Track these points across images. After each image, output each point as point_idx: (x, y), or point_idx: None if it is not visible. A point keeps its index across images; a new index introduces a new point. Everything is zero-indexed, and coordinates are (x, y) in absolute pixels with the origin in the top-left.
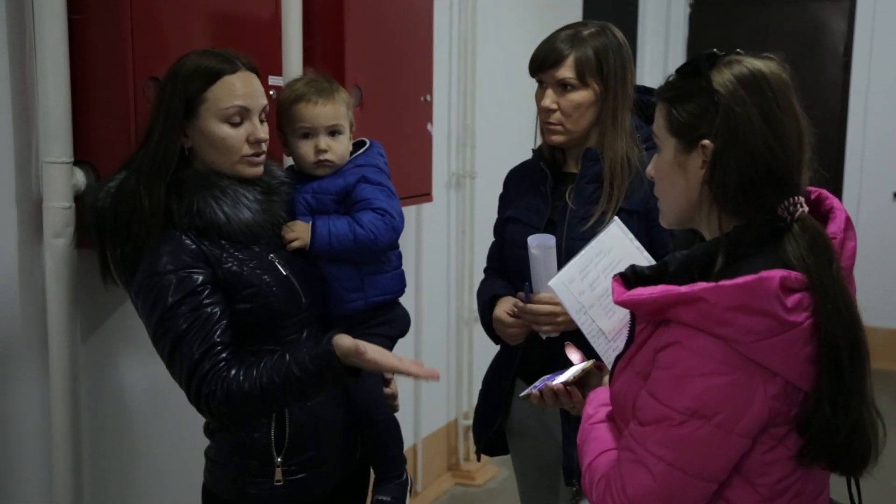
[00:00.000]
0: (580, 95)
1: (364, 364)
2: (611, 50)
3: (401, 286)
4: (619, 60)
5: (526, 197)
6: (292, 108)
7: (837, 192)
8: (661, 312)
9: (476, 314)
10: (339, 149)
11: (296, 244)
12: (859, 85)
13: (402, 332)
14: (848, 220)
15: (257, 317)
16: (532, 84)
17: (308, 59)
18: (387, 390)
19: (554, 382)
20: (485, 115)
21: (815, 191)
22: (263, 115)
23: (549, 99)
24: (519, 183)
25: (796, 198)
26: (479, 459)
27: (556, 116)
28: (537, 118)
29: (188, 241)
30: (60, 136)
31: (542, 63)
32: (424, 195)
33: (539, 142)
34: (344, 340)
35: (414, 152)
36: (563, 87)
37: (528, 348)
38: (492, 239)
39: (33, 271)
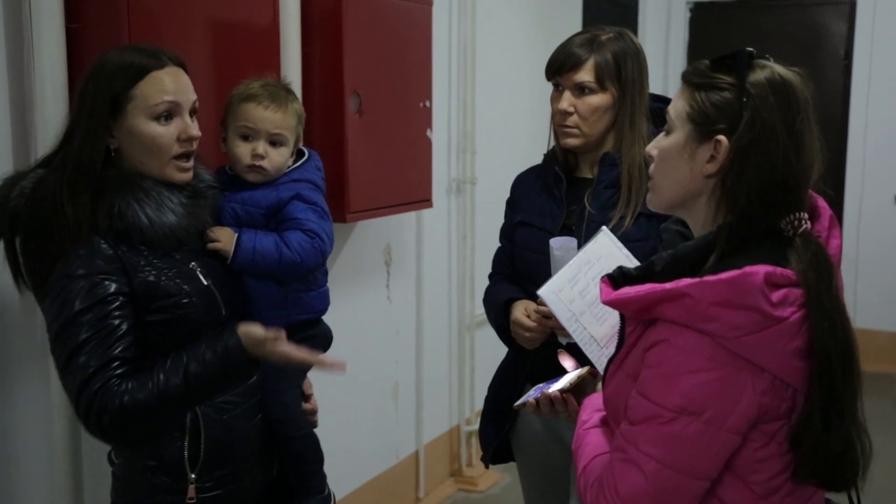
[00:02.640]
0: (598, 99)
1: (274, 354)
2: (629, 55)
3: (325, 305)
4: (636, 66)
5: (538, 201)
6: (240, 105)
7: (839, 196)
8: (647, 311)
9: (478, 319)
10: (276, 159)
11: (216, 246)
12: (860, 88)
13: (325, 346)
14: (832, 219)
15: (173, 328)
16: (532, 89)
17: (306, 66)
18: (306, 406)
19: (549, 390)
20: (485, 120)
21: None
22: (194, 113)
23: (567, 102)
24: (529, 187)
25: (801, 214)
26: (486, 467)
27: (573, 119)
28: (551, 121)
29: (105, 246)
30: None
31: (562, 66)
32: (424, 201)
33: (551, 145)
34: (255, 329)
35: (413, 158)
36: (581, 90)
37: (539, 354)
38: (493, 244)
39: None
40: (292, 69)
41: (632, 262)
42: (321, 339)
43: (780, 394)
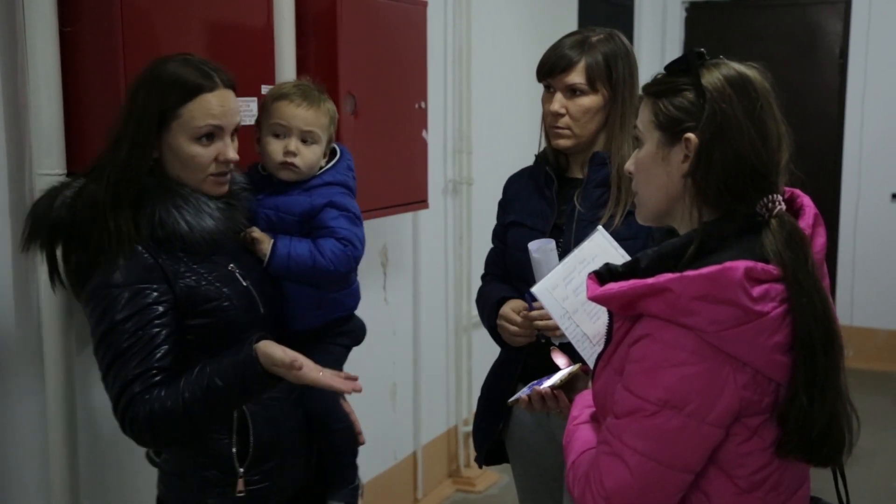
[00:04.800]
0: (589, 100)
1: (288, 375)
2: (619, 56)
3: (356, 301)
4: (627, 67)
5: (529, 201)
6: (273, 103)
7: (835, 194)
8: (631, 306)
9: (475, 320)
10: (308, 157)
11: (258, 247)
12: (856, 87)
13: (358, 341)
14: (817, 217)
15: (216, 330)
16: (529, 89)
17: (301, 68)
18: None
19: (541, 387)
20: (481, 121)
21: (787, 190)
22: (235, 133)
23: (558, 103)
24: (521, 188)
25: (775, 196)
26: (480, 467)
27: (565, 121)
28: (542, 122)
29: (146, 255)
30: (53, 149)
31: (553, 68)
32: (420, 202)
33: (542, 147)
34: (274, 350)
35: (409, 159)
36: (573, 91)
37: (531, 354)
38: (490, 245)
39: (28, 283)
40: (287, 70)
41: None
42: (356, 332)
43: (761, 388)
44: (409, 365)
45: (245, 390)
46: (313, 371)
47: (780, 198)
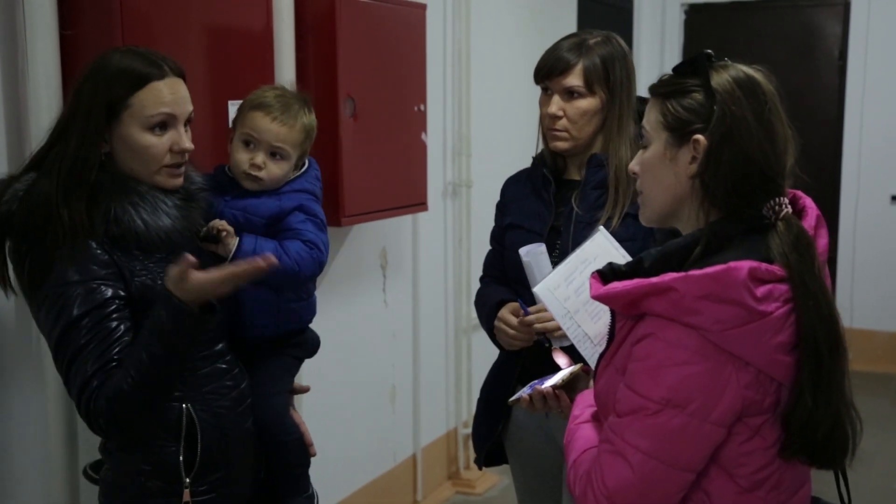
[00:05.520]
0: (587, 103)
1: (195, 285)
2: (617, 59)
3: (312, 315)
4: (624, 69)
5: (527, 204)
6: (249, 111)
7: (835, 196)
8: (635, 305)
9: (474, 322)
10: (274, 171)
11: (213, 248)
12: (855, 89)
13: (310, 353)
14: (819, 218)
15: None
16: (528, 91)
17: (300, 71)
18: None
19: (542, 386)
20: (480, 123)
21: (790, 192)
22: (188, 123)
23: (556, 105)
24: (518, 190)
25: (781, 198)
26: (480, 469)
27: (562, 123)
28: (539, 125)
29: (100, 252)
30: None
31: (551, 71)
32: (420, 204)
33: (539, 149)
34: (170, 273)
35: (408, 162)
36: (570, 94)
37: (530, 356)
38: (488, 247)
39: None
40: (286, 73)
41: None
42: (309, 344)
43: (764, 388)
44: (409, 367)
45: (182, 331)
46: (219, 271)
47: (786, 200)
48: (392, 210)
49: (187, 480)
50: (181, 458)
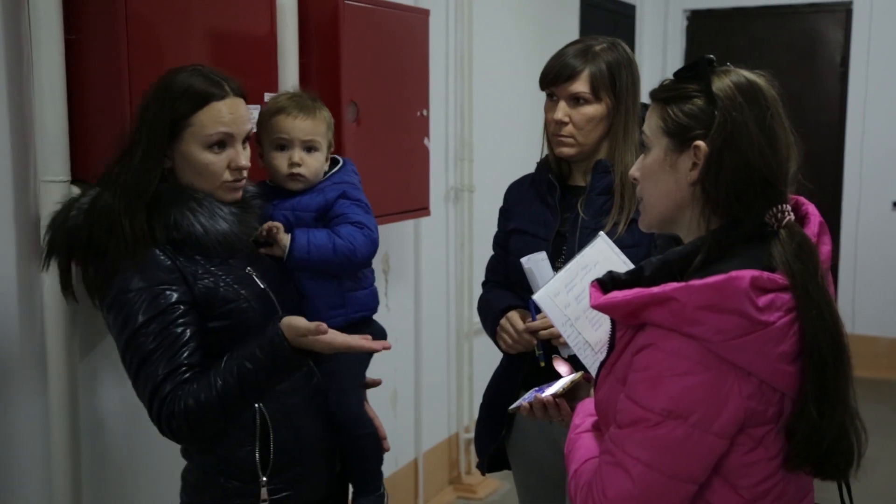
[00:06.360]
0: (593, 109)
1: (316, 345)
2: (623, 65)
3: (376, 303)
4: (630, 76)
5: (532, 209)
6: (272, 119)
7: (837, 202)
8: (635, 315)
9: (476, 327)
10: (312, 164)
11: (271, 250)
12: (857, 95)
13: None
14: (822, 225)
15: (234, 333)
16: (531, 97)
17: (304, 76)
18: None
19: (543, 395)
20: (483, 128)
21: (792, 198)
22: (247, 141)
23: (562, 112)
24: (522, 195)
25: (784, 205)
26: (483, 474)
27: (568, 129)
28: (544, 130)
29: (163, 258)
30: (58, 155)
31: (557, 77)
32: (422, 209)
33: (544, 154)
34: (298, 321)
35: (411, 167)
36: (576, 100)
37: (534, 361)
38: (491, 252)
39: (32, 289)
40: (290, 78)
41: (628, 268)
42: (378, 335)
43: (766, 398)
44: (411, 371)
45: (276, 370)
46: (339, 336)
47: (788, 207)
48: (394, 215)
49: (264, 479)
50: (257, 457)
